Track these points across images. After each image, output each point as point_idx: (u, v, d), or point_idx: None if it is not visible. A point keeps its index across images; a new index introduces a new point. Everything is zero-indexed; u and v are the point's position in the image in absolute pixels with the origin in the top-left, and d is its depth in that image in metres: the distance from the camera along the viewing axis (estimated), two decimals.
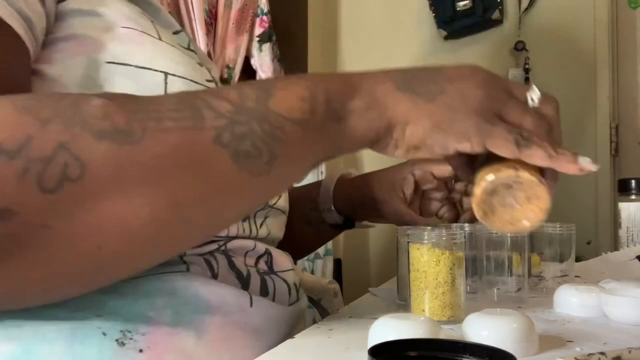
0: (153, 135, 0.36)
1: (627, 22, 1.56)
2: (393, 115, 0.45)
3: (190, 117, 0.38)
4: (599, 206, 1.57)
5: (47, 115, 0.34)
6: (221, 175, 0.38)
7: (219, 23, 1.60)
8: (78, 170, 0.34)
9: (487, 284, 0.67)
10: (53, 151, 0.33)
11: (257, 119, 0.39)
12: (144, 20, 0.50)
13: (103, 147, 0.35)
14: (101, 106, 0.36)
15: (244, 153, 0.38)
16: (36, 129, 0.34)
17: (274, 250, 0.61)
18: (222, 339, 0.48)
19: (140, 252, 0.39)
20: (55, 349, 0.41)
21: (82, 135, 0.34)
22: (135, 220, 0.36)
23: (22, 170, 0.33)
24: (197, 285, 0.48)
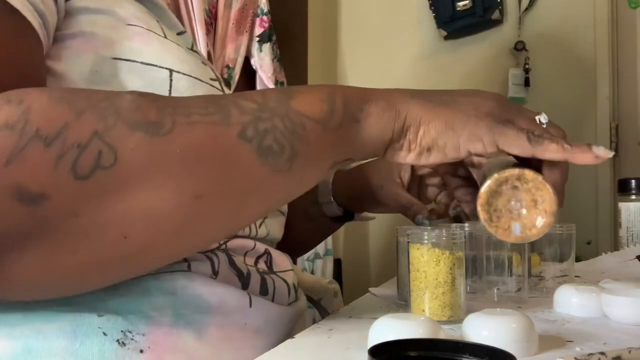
0: (182, 128, 0.38)
1: (627, 22, 1.56)
2: (407, 117, 0.46)
3: (216, 112, 0.39)
4: (599, 206, 1.57)
5: (81, 106, 0.36)
6: (245, 169, 0.40)
7: (219, 23, 1.60)
8: (111, 158, 0.35)
9: (487, 284, 0.67)
10: (88, 139, 0.34)
11: (279, 116, 0.41)
12: (150, 19, 0.51)
13: (136, 137, 0.36)
14: (133, 100, 0.38)
15: (267, 148, 0.40)
16: (72, 118, 0.35)
17: (273, 251, 0.61)
18: (223, 339, 0.48)
19: (165, 244, 0.39)
20: (56, 348, 0.41)
21: (116, 125, 0.35)
22: (161, 210, 0.37)
23: (58, 156, 0.34)
24: (197, 286, 0.48)
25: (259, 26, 1.71)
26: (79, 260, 0.36)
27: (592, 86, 1.60)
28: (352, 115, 0.45)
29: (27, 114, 0.34)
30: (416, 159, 0.48)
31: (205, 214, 0.39)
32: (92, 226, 0.35)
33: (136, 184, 0.36)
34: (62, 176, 0.34)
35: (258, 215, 0.46)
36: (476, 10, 1.66)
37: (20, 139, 0.33)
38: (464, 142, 0.46)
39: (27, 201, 0.33)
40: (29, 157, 0.33)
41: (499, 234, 0.47)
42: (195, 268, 0.49)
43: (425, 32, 1.79)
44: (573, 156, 0.45)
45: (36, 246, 0.35)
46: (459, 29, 1.72)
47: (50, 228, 0.34)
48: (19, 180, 0.33)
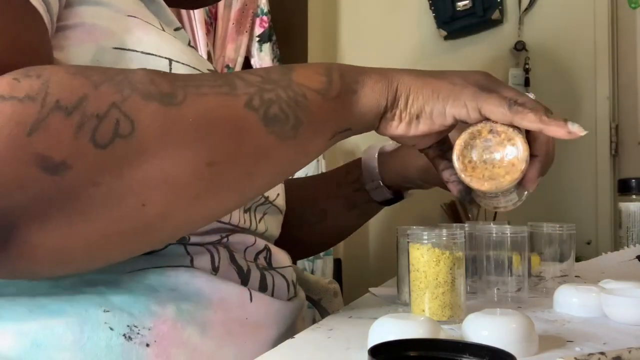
0: (193, 98, 0.39)
1: (627, 22, 1.56)
2: (399, 86, 0.49)
3: (224, 85, 0.42)
4: (599, 206, 1.57)
5: (98, 79, 0.37)
6: (253, 137, 0.42)
7: (219, 23, 1.61)
8: (129, 127, 0.36)
9: (487, 284, 0.67)
10: (106, 109, 0.36)
11: (282, 87, 0.44)
12: (148, 13, 0.52)
13: (151, 107, 0.37)
14: (145, 74, 0.39)
15: (272, 117, 0.42)
16: (90, 90, 0.36)
17: (272, 247, 0.61)
18: (225, 333, 0.49)
19: (182, 212, 0.40)
20: (64, 343, 0.42)
21: (132, 96, 0.37)
22: (177, 178, 0.38)
23: (78, 125, 0.35)
24: (199, 282, 0.49)
25: (259, 26, 1.72)
26: (99, 229, 0.37)
27: (592, 86, 1.60)
28: (348, 86, 0.48)
29: (46, 86, 0.35)
30: (406, 129, 0.50)
31: (218, 181, 0.41)
32: (112, 195, 0.36)
33: (153, 152, 0.37)
34: (82, 145, 0.35)
35: (267, 183, 0.47)
36: (476, 10, 1.66)
37: (42, 109, 0.34)
38: (449, 108, 0.49)
39: (49, 170, 0.34)
40: (51, 126, 0.34)
41: (473, 182, 0.49)
42: (197, 263, 0.50)
43: (425, 32, 1.79)
44: (548, 128, 0.47)
45: (57, 216, 0.35)
46: (459, 29, 1.72)
47: (71, 197, 0.35)
48: (42, 149, 0.34)
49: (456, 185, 0.55)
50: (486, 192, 0.50)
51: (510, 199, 0.54)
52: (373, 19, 1.88)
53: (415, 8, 1.80)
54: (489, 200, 0.55)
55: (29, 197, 0.34)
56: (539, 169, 0.50)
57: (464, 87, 0.49)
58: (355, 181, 0.78)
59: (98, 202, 0.36)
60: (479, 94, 0.48)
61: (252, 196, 0.49)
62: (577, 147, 1.57)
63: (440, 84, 0.49)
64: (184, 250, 0.50)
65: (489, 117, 0.48)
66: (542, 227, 0.72)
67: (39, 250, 0.36)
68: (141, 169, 0.37)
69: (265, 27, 1.64)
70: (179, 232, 0.45)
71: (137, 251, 0.43)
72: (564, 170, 1.56)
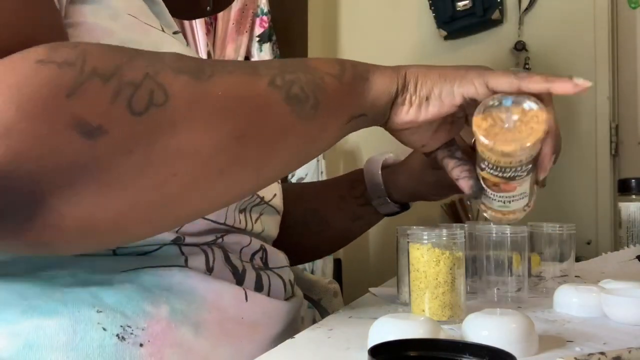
0: (221, 75, 0.41)
1: (627, 22, 1.56)
2: (407, 73, 0.52)
3: (247, 67, 0.44)
4: (599, 206, 1.57)
5: (131, 53, 0.38)
6: (276, 114, 0.43)
7: (219, 23, 1.60)
8: (163, 97, 0.37)
9: (487, 284, 0.67)
10: (141, 79, 0.37)
11: (301, 70, 0.46)
12: (150, 14, 0.52)
13: (182, 79, 0.38)
14: (174, 54, 0.41)
15: (293, 96, 0.44)
16: (124, 61, 0.37)
17: (268, 247, 0.61)
18: (220, 333, 0.49)
19: (208, 185, 0.41)
20: (57, 343, 0.42)
21: (164, 69, 0.38)
22: (207, 149, 0.39)
23: (115, 92, 0.35)
24: (193, 282, 0.49)
25: (259, 26, 1.71)
26: (128, 199, 0.37)
27: (592, 86, 1.60)
28: (359, 74, 0.50)
29: (84, 54, 0.36)
30: (417, 113, 0.52)
31: (243, 155, 0.42)
32: (145, 163, 0.37)
33: (184, 122, 0.38)
34: (119, 111, 0.35)
35: (287, 163, 0.48)
36: (476, 10, 1.66)
37: (81, 74, 0.35)
38: (457, 87, 0.51)
39: (86, 134, 0.34)
40: (89, 91, 0.34)
41: (497, 144, 0.48)
42: (191, 263, 0.50)
43: (425, 32, 1.79)
44: (554, 85, 0.49)
45: (88, 184, 0.35)
46: (459, 29, 1.72)
47: (104, 164, 0.35)
48: (80, 112, 0.34)
49: (467, 180, 0.55)
50: (504, 168, 0.50)
51: (522, 193, 0.53)
52: (373, 19, 1.88)
53: (415, 8, 1.80)
54: (501, 194, 0.54)
55: (63, 161, 0.34)
56: (552, 146, 0.51)
57: (469, 69, 0.52)
58: (360, 196, 0.78)
59: (130, 171, 0.36)
60: (484, 71, 0.51)
61: (272, 177, 0.50)
62: (577, 147, 1.57)
63: (446, 69, 0.53)
64: (178, 251, 0.50)
65: (497, 88, 0.50)
66: (542, 227, 0.72)
67: (66, 220, 0.35)
68: (172, 139, 0.37)
69: (265, 27, 1.64)
70: (200, 209, 0.44)
71: (160, 227, 0.43)
72: (564, 170, 1.56)
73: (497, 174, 0.51)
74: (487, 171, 0.51)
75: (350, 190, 0.79)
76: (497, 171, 0.50)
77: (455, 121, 0.56)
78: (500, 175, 0.51)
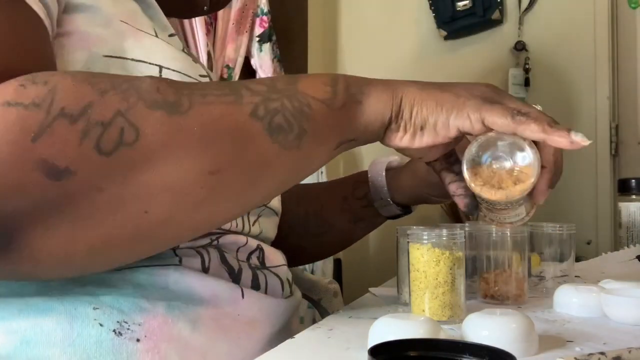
0: (199, 107, 0.40)
1: (627, 22, 1.56)
2: (403, 97, 0.49)
3: (230, 94, 0.42)
4: (599, 206, 1.57)
5: (104, 87, 0.37)
6: (257, 146, 0.42)
7: (219, 23, 1.60)
8: (133, 135, 0.36)
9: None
10: (111, 117, 0.36)
11: (287, 97, 0.44)
12: (143, 18, 0.51)
13: (156, 115, 0.38)
14: (152, 83, 0.40)
15: (276, 126, 0.42)
16: (96, 98, 0.36)
17: (265, 246, 0.61)
18: (216, 329, 0.49)
19: (184, 218, 0.41)
20: (53, 339, 0.42)
21: (137, 104, 0.37)
22: (180, 185, 0.39)
23: (83, 132, 0.35)
24: (188, 280, 0.49)
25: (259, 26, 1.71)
26: (101, 234, 0.37)
27: (592, 86, 1.60)
28: (353, 96, 0.48)
29: (52, 93, 0.35)
30: (410, 141, 0.50)
31: (221, 189, 0.41)
32: (115, 200, 0.37)
33: (157, 159, 0.37)
34: (87, 152, 0.35)
35: (270, 192, 0.48)
36: (476, 10, 1.66)
37: (47, 116, 0.34)
38: (453, 120, 0.48)
39: (53, 175, 0.34)
40: (56, 133, 0.34)
41: (483, 192, 0.49)
42: (186, 263, 0.50)
43: (425, 32, 1.79)
44: (551, 138, 0.46)
45: (60, 221, 0.35)
46: (459, 29, 1.72)
47: (74, 202, 0.35)
48: (46, 155, 0.34)
49: (463, 199, 0.55)
50: (495, 202, 0.50)
51: (518, 213, 0.53)
52: (373, 19, 1.88)
53: (415, 8, 1.80)
54: (496, 214, 0.54)
55: (32, 201, 0.34)
56: (547, 181, 0.50)
57: (468, 99, 0.49)
58: (363, 198, 0.78)
59: (101, 208, 0.36)
60: (482, 105, 0.48)
61: (254, 204, 0.50)
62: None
63: (444, 96, 0.49)
64: (172, 254, 0.50)
65: (492, 127, 0.48)
66: (542, 227, 0.72)
67: (41, 254, 0.36)
68: (144, 176, 0.37)
69: (265, 27, 1.64)
70: (180, 238, 0.45)
71: (138, 256, 0.44)
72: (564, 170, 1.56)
73: (490, 207, 0.52)
74: (480, 198, 0.51)
75: (353, 191, 0.79)
76: (490, 204, 0.52)
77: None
78: (492, 207, 0.52)
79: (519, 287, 0.63)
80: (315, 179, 1.58)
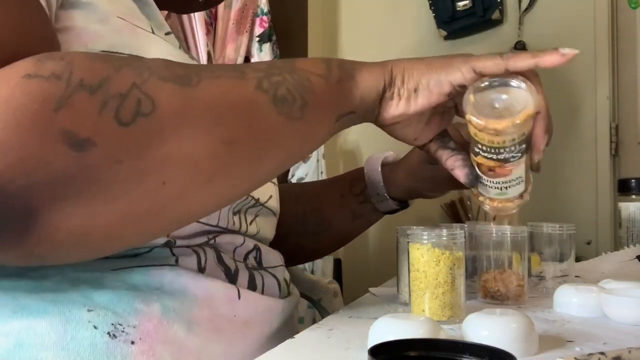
0: (208, 81, 0.41)
1: (627, 22, 1.56)
2: (393, 68, 0.52)
3: (234, 70, 0.44)
4: (599, 206, 1.57)
5: (118, 63, 0.38)
6: (264, 117, 0.43)
7: (219, 23, 1.60)
8: (150, 106, 0.37)
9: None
10: (128, 89, 0.37)
11: (287, 72, 0.46)
12: (140, 16, 0.52)
13: (168, 87, 0.39)
14: (162, 60, 0.41)
15: (281, 98, 0.44)
16: (112, 72, 0.37)
17: (262, 247, 0.61)
18: (212, 330, 0.49)
19: (199, 191, 0.41)
20: (47, 342, 0.42)
21: (150, 78, 0.38)
22: (196, 157, 0.39)
23: (102, 103, 0.36)
24: (184, 280, 0.49)
25: (259, 26, 1.71)
26: (119, 209, 0.37)
27: (592, 86, 1.60)
28: (346, 72, 0.50)
29: (70, 66, 0.36)
30: (406, 105, 0.52)
31: (233, 161, 0.42)
32: (133, 173, 0.37)
33: (172, 131, 0.38)
34: (106, 122, 0.35)
35: (278, 164, 0.48)
36: (476, 10, 1.66)
37: (67, 87, 0.35)
38: (444, 76, 0.51)
39: (75, 146, 0.34)
40: (76, 103, 0.35)
41: (490, 123, 0.49)
42: (182, 263, 0.50)
43: (425, 32, 1.79)
44: (542, 59, 0.50)
45: (79, 196, 0.35)
46: (459, 29, 1.72)
47: (94, 175, 0.35)
48: (68, 125, 0.34)
49: (462, 169, 0.55)
50: (500, 147, 0.50)
51: (518, 179, 0.54)
52: (373, 19, 1.88)
53: (415, 8, 1.80)
54: (498, 180, 0.54)
55: (53, 174, 0.34)
56: (544, 125, 0.51)
57: (453, 57, 0.52)
58: (360, 194, 0.78)
59: (120, 181, 0.36)
60: (469, 57, 0.51)
61: (264, 177, 0.51)
62: (577, 147, 1.57)
63: (432, 59, 0.53)
64: (169, 253, 0.50)
65: (484, 71, 0.50)
66: (542, 227, 0.72)
67: (60, 233, 0.36)
68: (161, 147, 0.38)
69: (265, 27, 1.64)
70: (193, 214, 0.45)
71: (153, 234, 0.44)
72: (564, 171, 1.56)
73: (492, 157, 0.51)
74: (481, 155, 0.51)
75: (350, 188, 0.80)
76: (492, 153, 0.51)
77: (445, 111, 0.57)
78: (494, 158, 0.51)
79: (519, 287, 0.63)
80: (315, 178, 1.58)
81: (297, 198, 0.80)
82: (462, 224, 0.72)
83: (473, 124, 0.50)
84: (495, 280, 0.63)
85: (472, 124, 0.50)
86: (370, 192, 0.77)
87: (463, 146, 0.57)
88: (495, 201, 0.56)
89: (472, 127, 0.50)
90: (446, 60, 0.52)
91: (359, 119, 0.52)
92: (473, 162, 0.54)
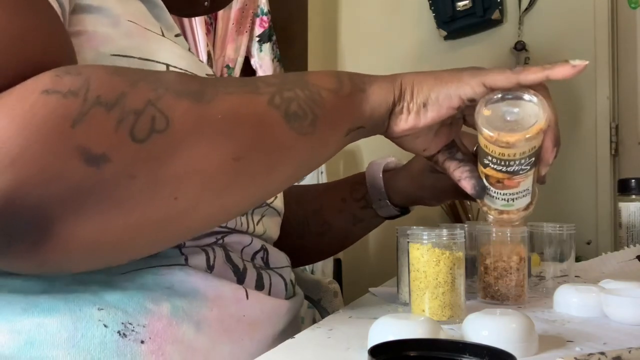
0: (221, 96, 0.42)
1: (627, 22, 1.56)
2: (402, 82, 0.53)
3: (247, 85, 0.45)
4: (599, 206, 1.57)
5: (135, 78, 0.39)
6: (275, 133, 0.44)
7: (219, 23, 1.60)
8: (164, 123, 0.38)
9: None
10: (143, 106, 0.38)
11: (299, 87, 0.47)
12: (149, 18, 0.52)
13: (183, 103, 0.40)
14: (177, 75, 0.42)
15: (292, 114, 0.45)
16: (128, 88, 0.38)
17: (269, 247, 0.61)
18: (221, 331, 0.49)
19: (209, 205, 0.42)
20: (58, 340, 0.42)
21: (166, 94, 0.39)
22: (207, 172, 0.40)
23: (118, 121, 0.36)
24: (193, 280, 0.49)
25: (259, 26, 1.72)
26: (132, 222, 0.38)
27: (592, 86, 1.60)
28: (357, 86, 0.51)
29: (87, 82, 0.37)
30: (416, 119, 0.53)
31: (244, 175, 0.43)
32: (147, 187, 0.38)
33: (185, 146, 0.39)
34: (121, 139, 0.36)
35: (288, 178, 0.49)
36: (476, 10, 1.66)
37: (84, 103, 0.36)
38: (454, 90, 0.52)
39: (90, 161, 0.35)
40: (93, 120, 0.36)
41: (501, 136, 0.49)
42: (192, 262, 0.50)
43: (424, 32, 1.79)
44: (553, 72, 0.50)
45: (93, 209, 0.36)
46: (459, 29, 1.72)
47: (108, 190, 0.36)
48: (84, 141, 0.35)
49: (469, 180, 0.55)
50: (510, 160, 0.50)
51: (525, 192, 0.54)
52: (373, 19, 1.88)
53: (415, 8, 1.80)
54: (505, 192, 0.54)
55: (68, 188, 0.35)
56: (553, 138, 0.52)
57: (462, 71, 0.53)
58: (361, 199, 0.79)
59: (133, 195, 0.37)
60: (479, 71, 0.52)
61: (274, 191, 0.52)
62: (577, 147, 1.57)
63: (441, 73, 0.53)
64: (178, 252, 0.50)
65: (494, 86, 0.50)
66: (542, 227, 0.72)
67: (72, 244, 0.37)
68: (174, 162, 0.38)
69: (265, 27, 1.64)
70: (205, 225, 0.46)
71: (165, 244, 0.45)
72: (564, 170, 1.56)
73: (501, 169, 0.51)
74: (491, 167, 0.51)
75: (352, 192, 0.80)
76: (502, 165, 0.51)
77: (453, 122, 0.57)
78: (504, 170, 0.51)
79: (519, 287, 0.63)
80: (315, 179, 1.58)
81: (298, 199, 0.80)
82: (462, 224, 0.72)
83: (484, 136, 0.50)
84: (496, 280, 0.63)
85: (483, 136, 0.50)
86: (372, 197, 0.78)
87: (470, 157, 0.58)
88: (500, 212, 0.56)
89: (482, 139, 0.50)
90: (455, 74, 0.52)
91: (368, 132, 0.53)
92: (481, 174, 0.55)
